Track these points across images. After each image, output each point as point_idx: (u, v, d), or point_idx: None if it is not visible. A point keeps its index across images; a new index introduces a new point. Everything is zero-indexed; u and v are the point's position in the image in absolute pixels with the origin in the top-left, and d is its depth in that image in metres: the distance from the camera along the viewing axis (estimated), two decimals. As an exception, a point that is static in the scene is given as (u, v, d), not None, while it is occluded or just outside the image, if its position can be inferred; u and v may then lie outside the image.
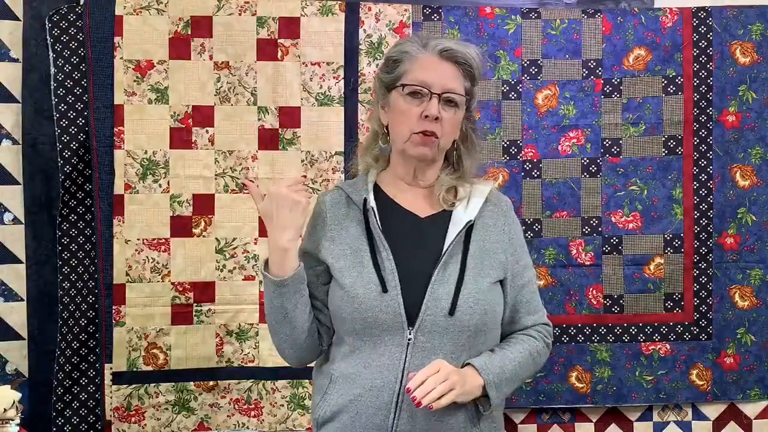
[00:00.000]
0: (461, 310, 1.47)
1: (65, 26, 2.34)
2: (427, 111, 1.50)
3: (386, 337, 1.48)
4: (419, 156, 1.55)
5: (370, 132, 1.69)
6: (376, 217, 1.55)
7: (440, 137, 1.53)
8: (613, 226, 2.46)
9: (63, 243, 2.36)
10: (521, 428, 2.50)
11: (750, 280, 2.49)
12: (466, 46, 1.56)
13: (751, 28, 2.46)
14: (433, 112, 1.50)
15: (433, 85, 1.51)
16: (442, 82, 1.52)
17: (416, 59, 1.54)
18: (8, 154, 2.35)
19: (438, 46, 1.54)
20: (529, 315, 1.62)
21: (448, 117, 1.53)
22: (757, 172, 2.48)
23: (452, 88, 1.53)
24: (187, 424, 2.39)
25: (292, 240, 1.49)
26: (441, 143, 1.54)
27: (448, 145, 1.58)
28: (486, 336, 1.53)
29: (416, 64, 1.54)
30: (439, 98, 1.51)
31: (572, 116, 2.45)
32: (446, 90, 1.52)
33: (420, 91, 1.52)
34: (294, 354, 1.60)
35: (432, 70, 1.52)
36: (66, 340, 2.34)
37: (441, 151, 1.57)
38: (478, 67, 1.57)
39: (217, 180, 2.40)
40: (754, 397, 2.51)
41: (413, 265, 1.51)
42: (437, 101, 1.51)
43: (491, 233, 1.58)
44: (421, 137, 1.52)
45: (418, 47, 1.55)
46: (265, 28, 2.40)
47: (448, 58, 1.53)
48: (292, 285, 1.50)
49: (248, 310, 2.40)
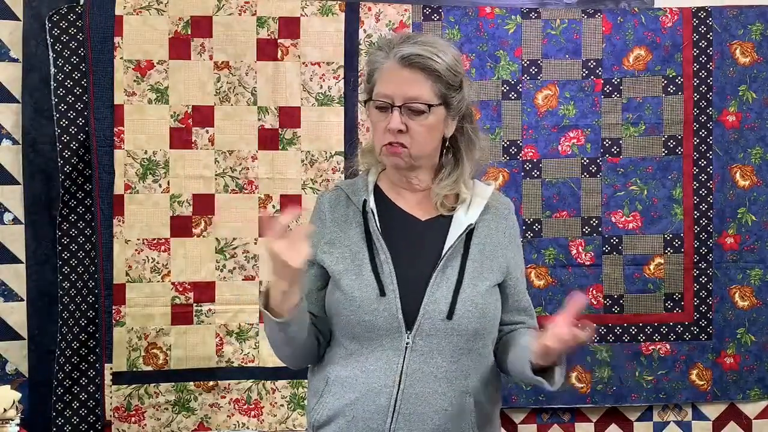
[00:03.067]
0: (459, 314, 1.46)
1: (65, 26, 2.34)
2: (389, 125, 1.48)
3: (384, 341, 1.46)
4: (393, 166, 1.54)
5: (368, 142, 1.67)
6: (376, 219, 1.53)
7: (409, 147, 1.49)
8: (613, 226, 2.46)
9: (63, 243, 2.36)
10: (521, 428, 2.50)
11: (750, 280, 2.49)
12: (431, 47, 1.49)
13: (751, 28, 2.47)
14: (393, 126, 1.47)
15: (393, 96, 1.47)
16: (403, 92, 1.47)
17: (382, 70, 1.51)
18: (8, 154, 2.35)
19: (399, 52, 1.48)
20: (530, 319, 1.61)
21: (416, 125, 1.48)
22: (757, 172, 2.48)
23: (414, 96, 1.47)
24: (187, 424, 2.39)
25: (288, 290, 1.42)
26: (412, 152, 1.50)
27: (425, 151, 1.53)
28: (485, 339, 1.52)
29: (382, 76, 1.50)
30: (400, 110, 1.47)
31: (572, 116, 2.45)
32: (407, 100, 1.47)
33: (383, 105, 1.49)
34: (294, 363, 1.60)
35: (392, 81, 1.48)
36: (66, 340, 2.34)
37: (417, 158, 1.52)
38: (449, 66, 1.49)
39: (217, 180, 2.40)
40: (754, 397, 2.51)
41: (412, 268, 1.50)
42: (398, 113, 1.47)
43: (492, 236, 1.56)
44: (388, 149, 1.49)
45: (384, 54, 1.51)
46: (265, 28, 2.40)
47: (410, 65, 1.48)
48: (292, 323, 1.46)
49: (248, 310, 2.40)
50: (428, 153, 1.55)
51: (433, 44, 1.50)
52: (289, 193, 2.41)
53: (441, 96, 1.50)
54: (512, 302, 1.59)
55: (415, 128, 1.49)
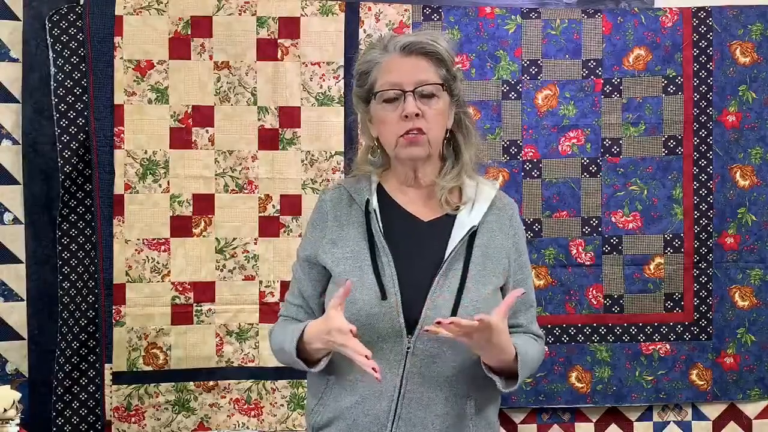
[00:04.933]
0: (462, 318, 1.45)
1: (65, 26, 2.34)
2: (405, 111, 1.47)
3: (385, 345, 1.45)
4: (412, 157, 1.51)
5: (364, 147, 1.66)
6: (378, 220, 1.52)
7: (427, 132, 1.49)
8: (613, 226, 2.46)
9: (63, 243, 2.36)
10: (521, 428, 2.50)
11: (750, 280, 2.49)
12: (426, 34, 1.52)
13: (751, 28, 2.46)
14: (410, 109, 1.46)
15: (403, 83, 1.48)
16: (412, 77, 1.48)
17: (381, 64, 1.51)
18: (8, 154, 2.35)
19: (398, 44, 1.50)
20: (528, 324, 1.60)
21: (429, 109, 1.48)
22: (757, 172, 2.48)
23: (424, 79, 1.48)
24: (187, 424, 2.39)
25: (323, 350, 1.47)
26: (431, 137, 1.50)
27: (440, 137, 1.53)
28: None
29: (383, 70, 1.50)
30: (413, 94, 1.48)
31: (572, 116, 2.45)
32: (418, 84, 1.48)
33: (393, 94, 1.49)
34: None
35: (398, 69, 1.49)
36: (66, 340, 2.34)
37: (434, 145, 1.52)
38: (447, 49, 1.51)
39: (217, 180, 2.40)
40: (754, 397, 2.51)
41: (414, 271, 1.48)
42: (412, 98, 1.47)
43: (495, 238, 1.55)
44: (408, 138, 1.48)
45: (380, 52, 1.52)
46: (265, 28, 2.40)
47: (411, 52, 1.49)
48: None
49: (248, 310, 2.40)
50: (440, 142, 1.55)
51: (429, 33, 1.53)
52: (289, 193, 2.41)
53: (445, 79, 1.51)
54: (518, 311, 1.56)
55: (430, 112, 1.49)
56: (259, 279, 2.40)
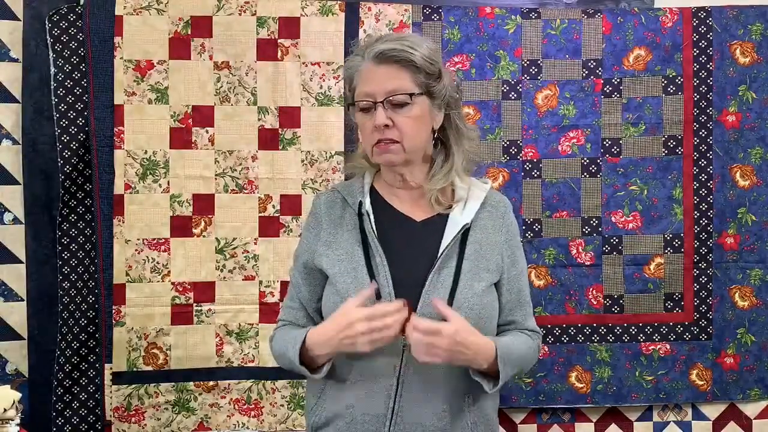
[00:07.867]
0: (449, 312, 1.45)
1: (65, 26, 2.34)
2: (375, 122, 1.49)
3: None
4: (387, 163, 1.54)
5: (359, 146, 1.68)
6: (371, 221, 1.53)
7: (401, 140, 1.50)
8: (613, 226, 2.46)
9: (63, 243, 2.36)
10: (521, 428, 2.50)
11: (750, 280, 2.49)
12: (403, 40, 1.51)
13: (751, 28, 2.46)
14: (379, 121, 1.48)
15: (375, 93, 1.49)
16: (383, 87, 1.49)
17: (360, 72, 1.52)
18: (8, 154, 2.35)
19: (372, 51, 1.50)
20: (522, 320, 1.61)
21: (402, 118, 1.49)
22: (757, 172, 2.48)
23: (394, 89, 1.49)
24: (187, 424, 2.39)
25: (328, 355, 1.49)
26: (406, 145, 1.50)
27: (418, 142, 1.53)
28: None
29: (361, 78, 1.52)
30: (383, 105, 1.49)
31: (572, 116, 2.45)
32: (389, 93, 1.49)
33: (365, 104, 1.51)
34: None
35: (371, 79, 1.50)
36: (66, 340, 2.34)
37: (412, 150, 1.53)
38: (423, 56, 1.50)
39: (217, 180, 2.40)
40: (754, 397, 2.51)
41: (408, 270, 1.50)
42: (382, 108, 1.48)
43: (488, 235, 1.56)
44: (380, 147, 1.50)
45: (360, 58, 1.53)
46: (265, 28, 2.40)
47: (384, 60, 1.49)
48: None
49: (248, 310, 2.40)
50: (420, 146, 1.55)
51: (405, 38, 1.53)
52: (289, 193, 2.41)
53: (422, 85, 1.51)
54: (505, 302, 1.58)
55: (402, 121, 1.50)
56: (259, 279, 2.40)
